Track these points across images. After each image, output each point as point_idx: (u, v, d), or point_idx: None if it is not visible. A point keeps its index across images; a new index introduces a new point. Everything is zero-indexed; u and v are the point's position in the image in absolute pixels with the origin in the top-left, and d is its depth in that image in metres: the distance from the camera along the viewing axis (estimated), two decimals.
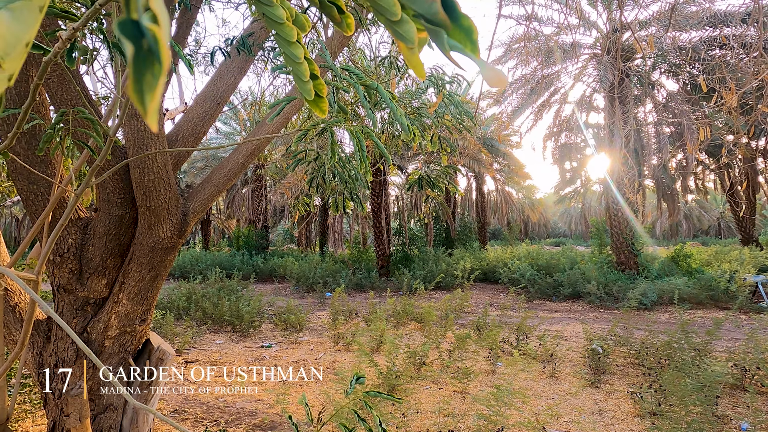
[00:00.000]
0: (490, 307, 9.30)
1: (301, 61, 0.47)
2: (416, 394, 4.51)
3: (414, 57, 0.34)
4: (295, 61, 0.47)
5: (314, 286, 12.61)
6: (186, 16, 3.10)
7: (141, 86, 0.25)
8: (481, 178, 20.60)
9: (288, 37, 0.46)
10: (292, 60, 0.47)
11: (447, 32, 0.32)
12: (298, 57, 0.46)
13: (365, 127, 1.40)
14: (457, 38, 0.32)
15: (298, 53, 0.46)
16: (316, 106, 0.52)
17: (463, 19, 0.31)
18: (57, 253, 2.45)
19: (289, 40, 0.46)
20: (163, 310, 7.72)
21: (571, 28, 11.06)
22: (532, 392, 4.57)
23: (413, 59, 0.34)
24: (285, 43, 0.46)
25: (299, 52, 0.46)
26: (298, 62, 0.47)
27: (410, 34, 0.32)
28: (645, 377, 4.76)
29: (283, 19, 0.45)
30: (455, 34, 0.31)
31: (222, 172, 2.72)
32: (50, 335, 2.46)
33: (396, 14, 0.32)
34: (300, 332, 7.11)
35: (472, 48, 0.32)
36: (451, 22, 0.31)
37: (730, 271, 10.59)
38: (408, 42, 0.33)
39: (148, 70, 0.25)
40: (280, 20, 0.45)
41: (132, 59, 0.24)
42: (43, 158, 2.27)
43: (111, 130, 1.16)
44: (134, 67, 0.25)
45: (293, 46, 0.46)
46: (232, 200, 23.46)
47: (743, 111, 9.27)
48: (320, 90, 0.51)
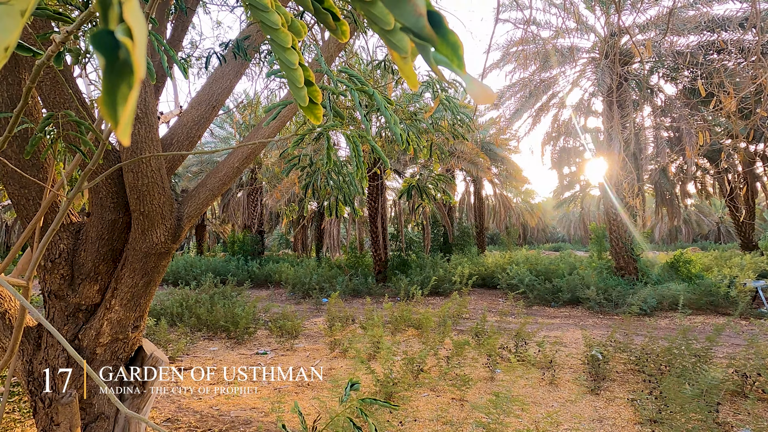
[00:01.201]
0: (489, 313, 9.29)
1: (296, 68, 0.47)
2: (414, 401, 4.49)
3: (407, 67, 0.34)
4: (290, 67, 0.47)
5: (310, 291, 12.57)
6: (181, 19, 3.11)
7: (114, 98, 0.25)
8: (479, 183, 20.65)
9: (283, 43, 0.46)
10: (287, 66, 0.47)
11: (434, 47, 0.32)
12: (293, 63, 0.47)
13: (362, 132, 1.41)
14: (444, 53, 0.32)
15: (293, 59, 0.46)
16: (310, 113, 0.52)
17: (449, 35, 0.32)
18: (48, 259, 2.44)
19: (284, 46, 0.46)
20: (157, 317, 7.68)
21: (568, 31, 11.16)
22: (532, 399, 4.56)
23: (406, 69, 0.35)
24: (280, 49, 0.46)
25: (294, 58, 0.47)
26: (292, 68, 0.47)
27: (403, 43, 0.33)
28: (645, 384, 4.76)
29: (278, 25, 0.45)
30: (442, 48, 0.32)
31: (217, 176, 2.72)
32: (41, 342, 2.44)
33: (389, 23, 0.32)
34: (296, 339, 7.09)
35: (459, 64, 0.32)
36: (438, 37, 0.32)
37: (730, 277, 10.63)
38: (401, 51, 0.33)
39: (124, 81, 0.25)
40: (275, 26, 0.46)
41: (105, 71, 0.24)
42: (35, 162, 2.26)
43: (104, 134, 1.16)
44: (107, 79, 0.24)
45: (288, 52, 0.46)
46: (227, 205, 23.42)
47: (742, 115, 9.35)
48: (315, 96, 0.51)
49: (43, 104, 2.24)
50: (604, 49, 11.48)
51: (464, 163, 15.47)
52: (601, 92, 11.42)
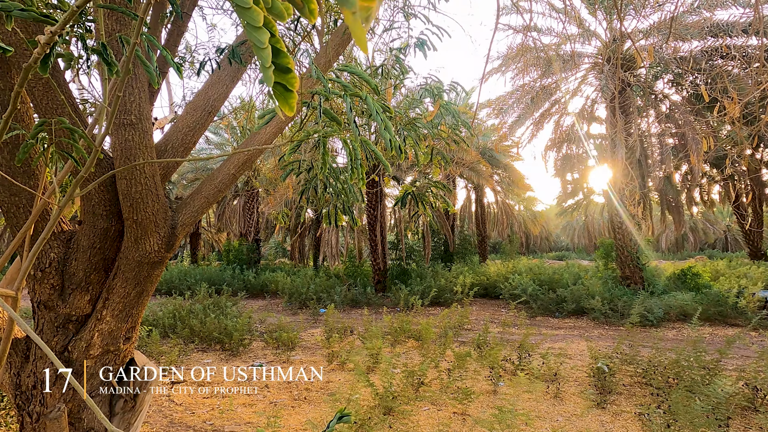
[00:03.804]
0: (491, 324, 9.25)
1: (265, 46, 0.47)
2: (414, 416, 4.45)
3: (357, 26, 0.34)
4: (260, 47, 0.47)
5: (307, 302, 12.52)
6: (177, 24, 3.14)
7: None
8: (480, 190, 20.67)
9: (254, 22, 0.46)
10: (257, 46, 0.47)
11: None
12: (263, 42, 0.46)
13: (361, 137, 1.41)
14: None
15: (263, 39, 0.46)
16: (283, 101, 0.51)
17: None
18: (38, 268, 2.43)
19: (254, 25, 0.46)
20: (149, 328, 7.63)
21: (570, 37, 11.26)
22: (536, 414, 4.52)
23: (356, 29, 0.34)
24: (251, 29, 0.46)
25: (264, 37, 0.46)
26: (262, 47, 0.47)
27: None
28: (653, 397, 4.73)
29: (249, 4, 0.46)
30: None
31: (212, 183, 2.72)
32: (29, 355, 2.42)
33: None
34: (292, 351, 7.04)
35: None
36: None
37: (739, 286, 10.61)
38: (348, 5, 0.33)
39: None
40: (246, 5, 0.46)
41: None
42: (26, 169, 2.26)
43: (97, 140, 1.16)
44: None
45: (259, 31, 0.46)
46: (222, 213, 23.39)
47: (746, 121, 9.41)
48: (290, 83, 0.50)
49: (35, 110, 2.24)
50: (607, 54, 11.58)
51: (465, 170, 15.51)
52: (604, 98, 11.49)
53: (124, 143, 2.33)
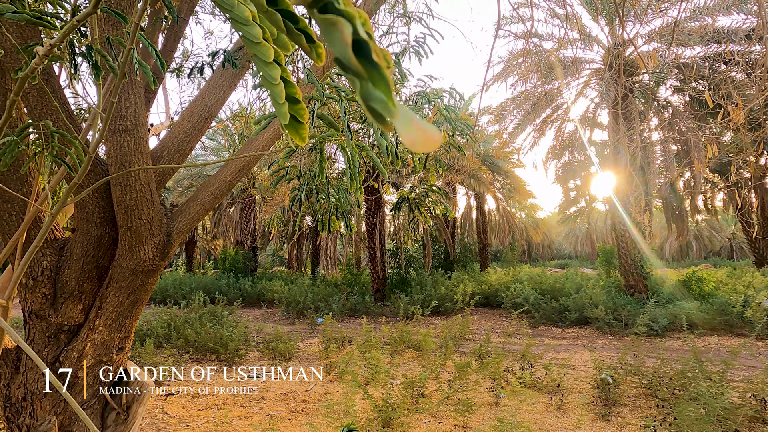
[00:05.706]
0: (493, 334, 9.21)
1: (277, 83, 0.47)
2: (414, 428, 4.41)
3: None
4: (271, 82, 0.47)
5: (305, 311, 12.47)
6: (174, 29, 3.16)
7: None
8: (481, 197, 20.69)
9: (264, 57, 0.46)
10: (268, 81, 0.47)
11: (360, 81, 0.31)
12: (275, 78, 0.46)
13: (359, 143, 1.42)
14: (381, 89, 0.30)
15: (274, 74, 0.46)
16: (294, 132, 0.50)
17: (379, 69, 0.30)
18: (30, 277, 2.42)
19: (265, 60, 0.46)
20: (142, 338, 7.59)
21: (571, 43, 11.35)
22: (538, 426, 4.49)
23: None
24: (261, 63, 0.46)
25: (276, 73, 0.46)
26: (274, 83, 0.47)
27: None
28: (658, 409, 4.70)
29: (259, 39, 0.46)
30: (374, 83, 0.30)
31: (209, 190, 2.72)
32: (19, 365, 2.41)
33: None
34: (289, 361, 7.00)
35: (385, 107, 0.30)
36: (366, 70, 0.30)
37: (745, 295, 10.59)
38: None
39: None
40: (256, 40, 0.46)
41: None
42: (19, 175, 2.26)
43: (91, 146, 1.16)
44: None
45: (270, 66, 0.46)
46: (218, 220, 23.37)
47: (751, 128, 9.46)
48: (300, 115, 0.50)
49: (29, 115, 2.25)
50: (609, 60, 11.66)
51: (466, 178, 15.52)
52: (606, 104, 11.56)
53: (119, 149, 2.34)
